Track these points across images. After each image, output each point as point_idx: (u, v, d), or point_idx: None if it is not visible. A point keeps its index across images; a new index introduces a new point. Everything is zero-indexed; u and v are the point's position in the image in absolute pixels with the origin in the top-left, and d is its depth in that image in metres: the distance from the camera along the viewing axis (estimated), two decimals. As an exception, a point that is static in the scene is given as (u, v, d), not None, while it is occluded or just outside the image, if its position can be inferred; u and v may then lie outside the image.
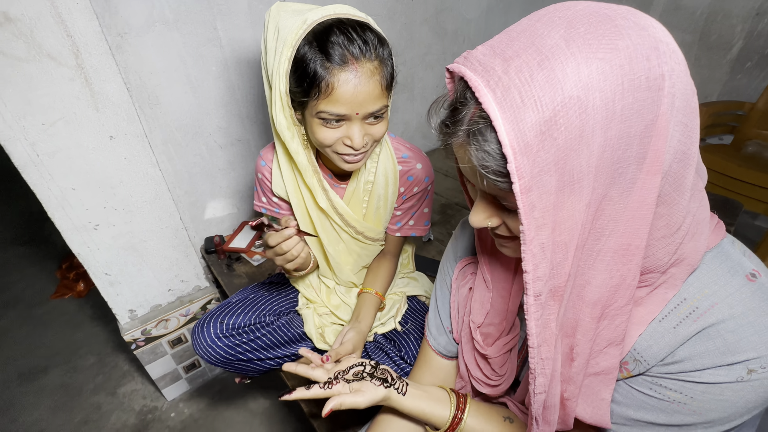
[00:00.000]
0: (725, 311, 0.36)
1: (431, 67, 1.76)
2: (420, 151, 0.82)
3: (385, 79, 0.64)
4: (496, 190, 0.35)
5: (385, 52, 0.64)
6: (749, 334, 0.35)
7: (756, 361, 0.35)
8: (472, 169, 0.35)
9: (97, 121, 0.92)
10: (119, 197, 1.02)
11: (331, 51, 0.59)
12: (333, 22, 0.61)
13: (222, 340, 0.80)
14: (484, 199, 0.39)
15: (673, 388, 0.39)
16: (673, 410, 0.39)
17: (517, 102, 0.30)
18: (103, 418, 1.36)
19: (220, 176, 1.27)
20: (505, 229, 0.41)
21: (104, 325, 1.69)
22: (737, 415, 0.37)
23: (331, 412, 0.54)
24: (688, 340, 0.38)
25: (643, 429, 0.42)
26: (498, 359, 0.55)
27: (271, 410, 1.36)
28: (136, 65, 0.98)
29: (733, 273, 0.38)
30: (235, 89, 1.17)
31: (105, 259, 1.07)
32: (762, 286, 0.37)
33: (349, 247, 0.85)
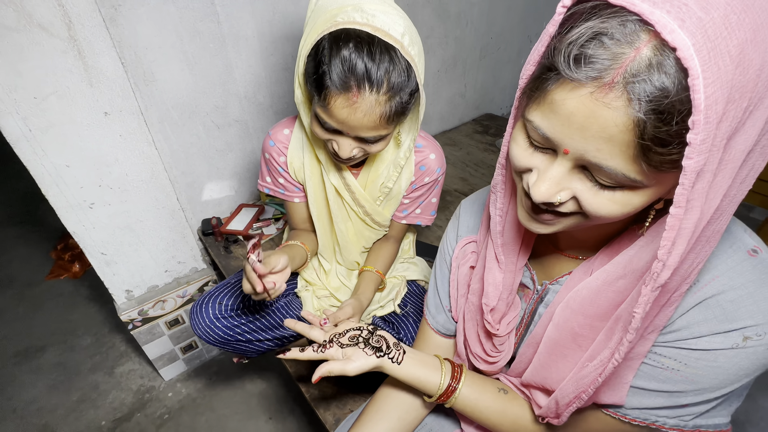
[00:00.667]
0: (726, 283, 0.37)
1: (433, 51, 1.73)
2: (434, 141, 0.80)
3: (391, 111, 0.59)
4: (616, 163, 0.30)
5: (402, 83, 0.58)
6: (748, 303, 0.36)
7: (753, 328, 0.36)
8: (595, 128, 0.29)
9: (91, 96, 0.89)
10: (115, 176, 1.00)
11: (335, 70, 0.55)
12: (356, 36, 0.55)
13: (221, 320, 0.80)
14: (561, 170, 0.33)
15: (669, 356, 0.40)
16: (666, 377, 0.40)
17: (712, 37, 0.24)
18: (100, 396, 1.37)
19: (218, 157, 1.25)
20: (571, 206, 0.36)
21: (100, 306, 1.69)
22: (728, 383, 0.38)
23: (320, 379, 0.55)
24: (688, 310, 0.38)
25: (635, 395, 0.43)
26: (503, 337, 0.56)
27: (268, 391, 1.37)
28: (130, 39, 0.95)
29: (735, 248, 0.38)
30: (233, 68, 1.15)
31: (101, 238, 1.06)
32: (763, 260, 0.37)
33: (357, 227, 0.85)
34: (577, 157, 0.32)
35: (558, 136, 0.32)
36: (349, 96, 0.56)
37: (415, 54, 0.59)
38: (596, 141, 0.30)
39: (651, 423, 0.42)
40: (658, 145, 0.28)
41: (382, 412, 0.61)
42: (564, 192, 0.35)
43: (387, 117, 0.60)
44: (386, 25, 0.56)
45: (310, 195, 0.83)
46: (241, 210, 1.35)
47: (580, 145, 0.31)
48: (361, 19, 0.56)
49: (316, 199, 0.83)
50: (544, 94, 0.32)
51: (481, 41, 1.90)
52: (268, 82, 1.24)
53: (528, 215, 0.40)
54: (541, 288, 0.53)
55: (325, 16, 0.58)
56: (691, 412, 0.41)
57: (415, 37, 0.60)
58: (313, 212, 0.86)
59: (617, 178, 0.31)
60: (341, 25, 0.56)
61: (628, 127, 0.28)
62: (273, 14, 1.16)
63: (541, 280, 0.54)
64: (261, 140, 1.32)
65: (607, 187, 0.33)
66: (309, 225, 0.90)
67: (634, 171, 0.30)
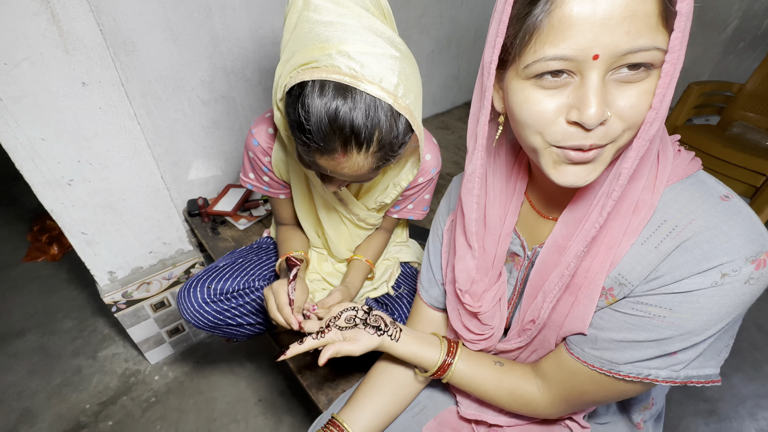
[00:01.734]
0: (701, 224, 0.39)
1: (427, 31, 1.69)
2: (431, 139, 0.75)
3: (381, 163, 0.55)
4: (646, 35, 0.32)
5: (393, 138, 0.52)
6: (722, 241, 0.38)
7: (728, 264, 0.37)
8: (619, 12, 0.31)
9: (68, 64, 0.84)
10: (94, 151, 0.95)
11: (318, 128, 0.49)
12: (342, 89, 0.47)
13: (210, 305, 0.78)
14: (598, 84, 0.34)
15: (654, 303, 0.41)
16: (653, 326, 0.41)
17: None
18: (83, 381, 1.34)
19: (204, 135, 1.20)
20: (615, 124, 0.35)
21: (81, 289, 1.64)
22: (711, 323, 0.39)
23: (327, 360, 0.54)
24: (668, 255, 0.40)
25: (625, 349, 0.44)
26: (488, 313, 0.56)
27: (257, 374, 1.36)
28: (109, 5, 0.89)
29: (709, 195, 0.41)
30: (220, 40, 1.09)
31: (81, 216, 1.01)
32: (734, 204, 0.40)
33: (350, 231, 0.83)
34: (608, 56, 0.32)
35: (584, 44, 0.32)
36: (334, 156, 0.51)
37: (411, 102, 0.52)
38: (622, 25, 0.31)
39: (644, 377, 0.43)
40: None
41: (376, 388, 0.61)
42: (606, 108, 0.35)
43: (376, 168, 0.56)
44: (377, 76, 0.48)
45: (297, 203, 0.80)
46: (228, 190, 1.31)
47: (608, 38, 0.31)
48: (347, 69, 0.47)
49: (304, 207, 0.80)
50: (542, 27, 0.33)
51: (476, 22, 1.87)
52: (256, 57, 1.18)
53: (559, 166, 0.39)
54: (531, 253, 0.54)
55: (305, 52, 0.49)
56: (680, 361, 0.42)
57: (412, 81, 0.52)
58: (301, 218, 0.83)
59: (647, 57, 0.33)
60: (324, 73, 0.47)
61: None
62: (262, -16, 1.11)
63: (531, 246, 0.54)
64: (249, 118, 1.27)
65: (632, 83, 0.34)
66: (297, 221, 0.87)
67: (660, 40, 0.32)
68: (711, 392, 1.27)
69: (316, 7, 0.49)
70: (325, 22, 0.48)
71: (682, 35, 0.32)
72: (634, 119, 0.35)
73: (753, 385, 1.29)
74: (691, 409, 1.23)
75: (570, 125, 0.36)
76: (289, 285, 0.63)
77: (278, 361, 0.59)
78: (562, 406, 0.53)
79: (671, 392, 1.26)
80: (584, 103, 0.34)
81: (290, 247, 0.81)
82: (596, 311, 0.47)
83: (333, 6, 0.49)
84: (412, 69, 0.53)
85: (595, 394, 0.49)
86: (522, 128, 0.39)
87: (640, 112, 0.35)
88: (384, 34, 0.50)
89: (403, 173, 0.72)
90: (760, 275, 0.38)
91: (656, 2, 0.31)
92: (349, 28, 0.48)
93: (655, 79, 0.34)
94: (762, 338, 1.43)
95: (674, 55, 0.32)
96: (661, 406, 0.64)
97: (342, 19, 0.49)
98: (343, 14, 0.49)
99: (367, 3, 0.52)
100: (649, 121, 0.35)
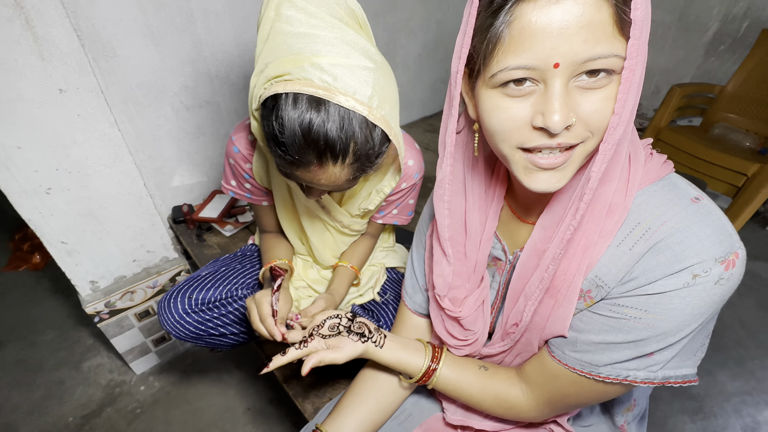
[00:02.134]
0: (673, 226, 0.40)
1: (414, 34, 1.69)
2: (413, 144, 0.75)
3: (358, 173, 0.54)
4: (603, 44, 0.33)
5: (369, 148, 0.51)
6: (693, 242, 0.39)
7: (699, 265, 0.38)
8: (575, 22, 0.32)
9: (43, 70, 0.82)
10: (73, 159, 0.93)
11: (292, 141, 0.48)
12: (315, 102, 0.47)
13: (191, 315, 0.77)
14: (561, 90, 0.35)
15: (630, 305, 0.42)
16: (630, 327, 0.42)
17: None
18: (66, 393, 1.31)
19: (188, 141, 1.19)
20: (580, 129, 0.36)
21: (65, 299, 1.60)
22: (685, 324, 0.40)
23: (311, 370, 0.53)
24: (642, 256, 0.41)
25: (604, 351, 0.44)
26: (470, 318, 0.56)
27: (246, 382, 1.34)
28: (87, 10, 0.88)
29: (680, 197, 0.42)
30: (203, 45, 1.08)
31: (60, 226, 0.99)
32: (704, 206, 0.41)
33: (335, 237, 0.82)
34: (568, 64, 0.33)
35: (544, 54, 0.33)
36: (310, 168, 0.51)
37: (387, 112, 0.51)
38: (579, 34, 0.32)
39: (623, 379, 0.44)
40: (629, 7, 0.32)
41: (360, 396, 0.61)
42: (572, 113, 0.36)
43: (354, 178, 0.55)
44: (350, 89, 0.47)
45: (279, 210, 0.78)
46: (214, 196, 1.30)
47: (567, 47, 0.32)
48: (320, 82, 0.47)
49: (287, 215, 0.79)
50: (503, 37, 0.34)
51: (463, 26, 1.88)
52: (241, 61, 1.17)
53: (530, 173, 0.39)
54: (513, 257, 0.54)
55: (278, 64, 0.48)
56: (657, 361, 0.42)
57: (387, 92, 0.51)
58: (284, 226, 0.82)
59: (606, 63, 0.33)
60: (297, 86, 0.47)
61: (600, 4, 0.32)
62: (245, -11, 1.10)
63: (513, 250, 0.54)
64: (234, 123, 1.26)
65: (595, 89, 0.35)
66: (281, 228, 0.85)
67: (618, 47, 0.33)
68: (697, 390, 1.29)
69: (288, 18, 0.49)
70: (297, 34, 0.48)
71: (638, 42, 0.33)
72: (598, 124, 0.36)
73: (738, 381, 1.31)
74: (678, 407, 1.24)
75: (536, 131, 0.37)
76: (273, 296, 0.62)
77: (262, 374, 0.58)
78: (546, 409, 0.53)
79: (658, 391, 1.27)
80: (549, 110, 0.35)
81: (274, 256, 0.80)
82: (576, 314, 0.47)
83: (305, 17, 0.48)
84: (387, 79, 0.52)
85: (577, 397, 0.49)
86: (492, 135, 0.40)
87: (604, 117, 0.36)
88: (358, 44, 0.50)
89: (385, 180, 0.72)
90: (730, 275, 0.38)
91: (610, 12, 0.32)
92: (322, 39, 0.48)
93: (618, 85, 0.35)
94: (745, 334, 1.45)
95: (632, 61, 0.33)
96: (644, 407, 0.65)
97: (314, 30, 0.48)
98: (315, 25, 0.48)
99: (340, 13, 0.51)
100: (613, 126, 0.35)
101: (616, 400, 0.61)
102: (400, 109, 2.04)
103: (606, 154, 0.37)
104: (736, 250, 0.39)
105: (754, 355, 1.38)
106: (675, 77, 2.11)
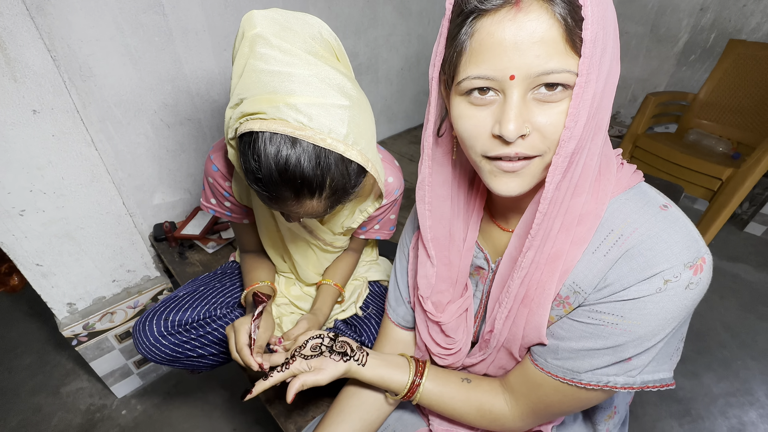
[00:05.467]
0: (643, 233, 0.41)
1: (395, 49, 1.72)
2: (392, 161, 0.75)
3: (335, 204, 0.55)
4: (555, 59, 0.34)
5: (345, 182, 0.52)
6: (662, 249, 0.40)
7: (669, 271, 0.39)
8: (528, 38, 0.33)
9: (16, 92, 0.81)
10: (48, 179, 0.92)
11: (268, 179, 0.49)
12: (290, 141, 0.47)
13: (167, 338, 0.75)
14: (518, 101, 0.36)
15: (606, 311, 0.43)
16: (608, 333, 0.43)
17: None
18: (43, 420, 1.26)
19: (169, 158, 1.18)
20: (534, 140, 0.38)
21: (43, 322, 1.56)
22: (660, 328, 0.41)
23: (295, 397, 0.53)
24: (615, 263, 0.42)
25: (584, 358, 0.45)
26: (452, 324, 0.56)
27: (232, 401, 1.31)
28: (62, 31, 0.88)
29: (650, 205, 0.43)
30: (183, 63, 1.08)
31: (35, 248, 0.96)
32: (672, 213, 0.42)
33: (318, 255, 0.82)
34: (523, 77, 0.35)
35: (500, 66, 0.35)
36: (286, 202, 0.52)
37: (363, 147, 0.51)
38: (532, 49, 0.34)
39: (604, 384, 0.45)
40: (578, 28, 0.33)
41: (343, 414, 0.60)
42: (527, 123, 0.37)
43: (331, 209, 0.55)
44: (325, 128, 0.47)
45: (260, 230, 0.78)
46: (197, 213, 1.28)
47: (520, 61, 0.34)
48: (295, 122, 0.47)
49: (268, 234, 0.78)
50: (466, 48, 0.36)
51: (443, 40, 1.92)
52: (222, 78, 1.18)
53: (495, 176, 0.41)
54: (495, 266, 0.54)
55: (253, 101, 0.48)
56: (635, 366, 0.43)
57: (362, 128, 0.51)
58: (266, 245, 0.81)
59: (560, 78, 0.35)
60: (273, 125, 0.47)
61: (551, 23, 0.33)
62: (225, 7, 1.11)
63: (495, 259, 0.54)
64: (216, 139, 1.26)
65: (552, 102, 0.36)
66: (262, 247, 0.85)
67: (572, 63, 0.34)
68: (684, 393, 1.30)
69: (262, 55, 0.48)
70: (272, 72, 0.48)
71: (589, 60, 0.34)
72: (554, 136, 0.37)
73: (723, 383, 1.32)
74: (665, 411, 1.25)
75: (495, 139, 0.39)
76: (252, 323, 0.61)
77: (245, 401, 0.57)
78: (530, 418, 0.53)
79: (645, 395, 1.28)
80: (504, 119, 0.36)
81: (256, 277, 0.79)
82: (556, 321, 0.48)
83: (280, 54, 0.48)
84: (363, 114, 0.52)
85: (561, 404, 0.50)
86: (462, 142, 0.42)
87: (558, 130, 0.37)
88: (333, 81, 0.49)
89: (368, 201, 0.73)
90: (699, 280, 0.40)
91: (561, 30, 0.33)
92: (296, 78, 0.48)
93: (569, 102, 0.36)
94: (729, 337, 1.48)
95: (583, 78, 0.34)
96: (624, 413, 0.65)
97: (289, 68, 0.48)
98: (290, 63, 0.48)
99: (315, 47, 0.52)
100: (565, 139, 0.36)
101: (597, 408, 0.61)
102: (385, 122, 2.05)
103: (559, 166, 0.37)
104: (702, 255, 0.40)
105: (737, 356, 1.41)
106: (650, 86, 2.18)
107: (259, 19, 0.50)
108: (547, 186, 0.39)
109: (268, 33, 0.49)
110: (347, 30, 1.49)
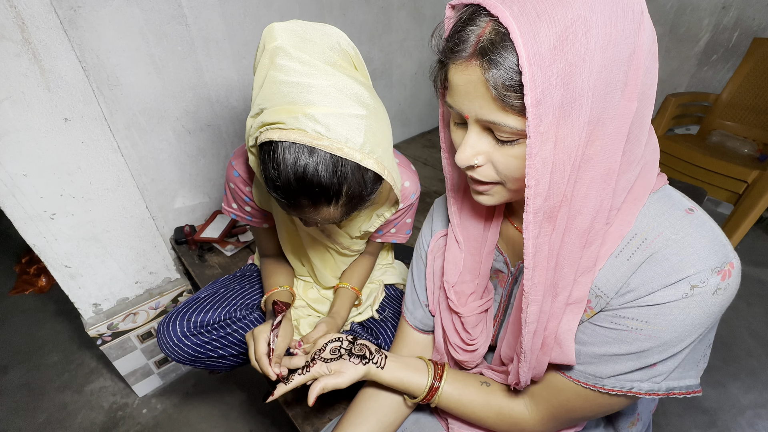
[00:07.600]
0: (669, 237, 0.41)
1: (409, 54, 1.74)
2: (408, 165, 0.76)
3: (352, 211, 0.56)
4: (494, 114, 0.37)
5: (362, 190, 0.53)
6: (689, 253, 0.39)
7: (696, 276, 0.38)
8: (473, 90, 0.37)
9: (49, 101, 0.85)
10: (77, 184, 0.95)
11: (286, 188, 0.50)
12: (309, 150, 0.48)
13: (189, 338, 0.77)
14: (473, 135, 0.40)
15: (630, 316, 0.42)
16: (632, 339, 0.42)
17: (532, 16, 0.32)
18: (69, 417, 1.30)
19: (190, 163, 1.21)
20: (488, 171, 0.42)
21: (69, 322, 1.61)
22: (686, 334, 0.40)
23: (316, 399, 0.54)
24: (639, 267, 0.41)
25: (607, 363, 0.44)
26: (472, 318, 0.56)
27: (248, 403, 1.33)
28: (92, 42, 0.92)
29: (675, 208, 0.43)
30: (204, 71, 1.12)
31: (64, 250, 1.00)
32: (698, 217, 0.42)
33: (335, 258, 0.83)
34: (475, 119, 0.39)
35: (458, 105, 0.39)
36: (304, 209, 0.53)
37: (380, 155, 0.52)
38: (476, 100, 0.37)
39: (627, 390, 0.44)
40: (509, 91, 0.34)
41: (361, 417, 0.60)
42: (480, 156, 0.41)
43: (347, 215, 0.56)
44: (342, 137, 0.48)
45: (280, 233, 0.80)
46: (216, 217, 1.31)
47: (470, 107, 0.38)
48: (312, 132, 0.48)
49: (288, 237, 0.80)
50: (446, 82, 0.41)
51: (457, 44, 1.92)
52: (240, 85, 1.21)
53: (472, 188, 0.46)
54: (515, 269, 0.54)
55: (272, 112, 0.50)
56: (660, 372, 0.42)
57: (379, 136, 0.52)
58: (285, 248, 0.83)
59: (506, 130, 0.37)
60: (292, 135, 0.48)
61: (484, 83, 0.35)
62: (244, 17, 1.14)
63: (515, 262, 0.54)
64: (235, 145, 1.29)
65: (507, 143, 0.39)
66: (281, 251, 0.86)
67: (512, 121, 0.36)
68: (710, 403, 1.25)
69: (282, 66, 0.50)
70: (291, 83, 0.49)
71: (533, 124, 0.33)
72: (506, 173, 0.41)
73: (751, 394, 1.27)
74: (689, 422, 1.21)
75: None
76: (271, 332, 0.63)
77: (267, 402, 0.58)
78: (551, 423, 0.53)
79: (669, 405, 1.24)
80: (460, 148, 0.41)
81: (275, 282, 0.80)
82: (578, 325, 0.47)
83: (299, 66, 0.50)
84: (379, 123, 0.53)
85: (582, 410, 0.49)
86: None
87: (510, 170, 0.40)
88: (350, 91, 0.50)
89: (385, 206, 0.74)
90: (727, 285, 0.39)
91: (489, 94, 0.36)
92: (315, 89, 0.49)
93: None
94: (756, 345, 1.42)
95: (530, 139, 0.34)
96: (647, 421, 0.64)
97: (308, 79, 0.49)
98: (308, 74, 0.49)
99: (334, 57, 0.53)
100: (530, 197, 0.37)
101: (620, 414, 0.60)
102: (399, 126, 2.06)
103: (530, 222, 0.38)
104: (731, 260, 0.39)
105: (766, 365, 1.35)
106: (670, 87, 2.13)
107: (279, 32, 0.51)
108: (526, 243, 0.39)
109: (288, 45, 0.50)
110: (362, 36, 1.51)
